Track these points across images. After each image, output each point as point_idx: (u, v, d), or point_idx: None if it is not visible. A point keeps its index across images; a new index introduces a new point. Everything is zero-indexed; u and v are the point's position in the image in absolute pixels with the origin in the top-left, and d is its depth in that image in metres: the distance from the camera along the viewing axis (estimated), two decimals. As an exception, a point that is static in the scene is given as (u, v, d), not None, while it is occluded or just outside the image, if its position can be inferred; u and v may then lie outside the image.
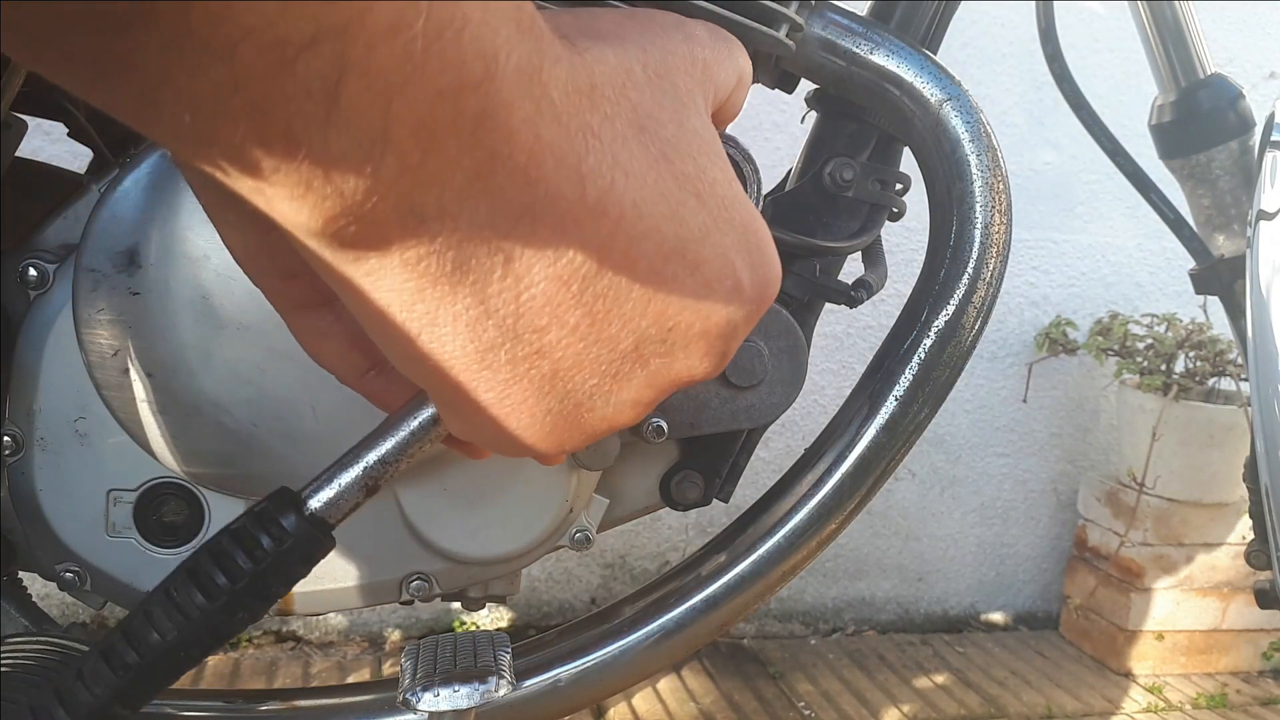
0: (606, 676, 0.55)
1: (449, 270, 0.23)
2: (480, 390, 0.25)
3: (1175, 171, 0.82)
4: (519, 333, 0.24)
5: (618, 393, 0.27)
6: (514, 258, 0.23)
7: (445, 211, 0.21)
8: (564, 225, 0.23)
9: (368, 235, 0.21)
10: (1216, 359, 1.65)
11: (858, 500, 0.55)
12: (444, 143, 0.20)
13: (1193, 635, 1.72)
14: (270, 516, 0.30)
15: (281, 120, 0.19)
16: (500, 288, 0.23)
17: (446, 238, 0.22)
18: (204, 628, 0.30)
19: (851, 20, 0.53)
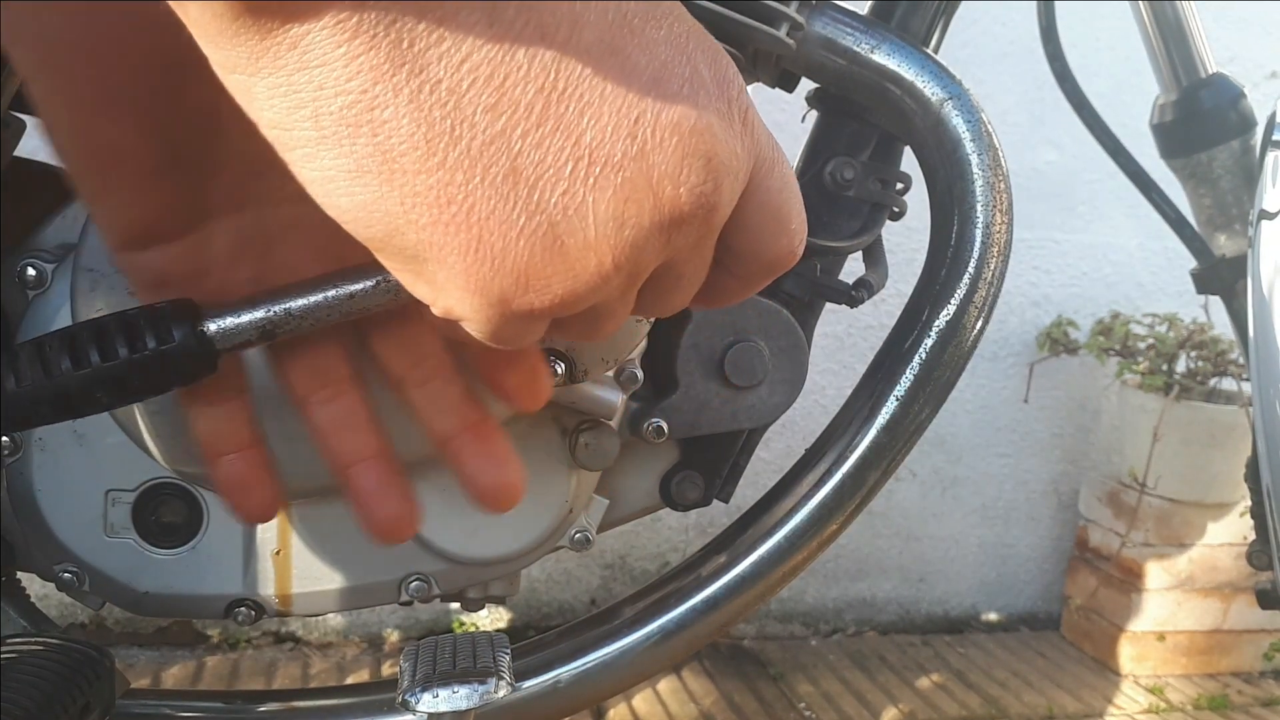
0: (606, 677, 0.55)
1: (384, 32, 0.20)
2: (439, 203, 0.22)
3: (1177, 171, 0.82)
4: (467, 112, 0.22)
5: (595, 204, 0.23)
6: (453, 15, 0.21)
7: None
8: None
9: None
10: (1218, 359, 1.64)
11: (858, 501, 0.55)
12: None
13: (1194, 636, 1.72)
14: (163, 319, 0.31)
15: None
16: (440, 52, 0.21)
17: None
18: (57, 392, 0.30)
19: (852, 19, 0.52)
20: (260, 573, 0.52)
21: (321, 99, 0.21)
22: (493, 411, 0.38)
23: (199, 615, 0.53)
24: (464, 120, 0.22)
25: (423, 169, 0.22)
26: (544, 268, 0.23)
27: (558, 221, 0.23)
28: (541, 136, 0.22)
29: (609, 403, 0.51)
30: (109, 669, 0.43)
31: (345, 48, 0.21)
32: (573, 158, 0.23)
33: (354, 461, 0.35)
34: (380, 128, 0.21)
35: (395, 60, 0.21)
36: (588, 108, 0.23)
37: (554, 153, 0.23)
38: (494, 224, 0.23)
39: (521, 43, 0.22)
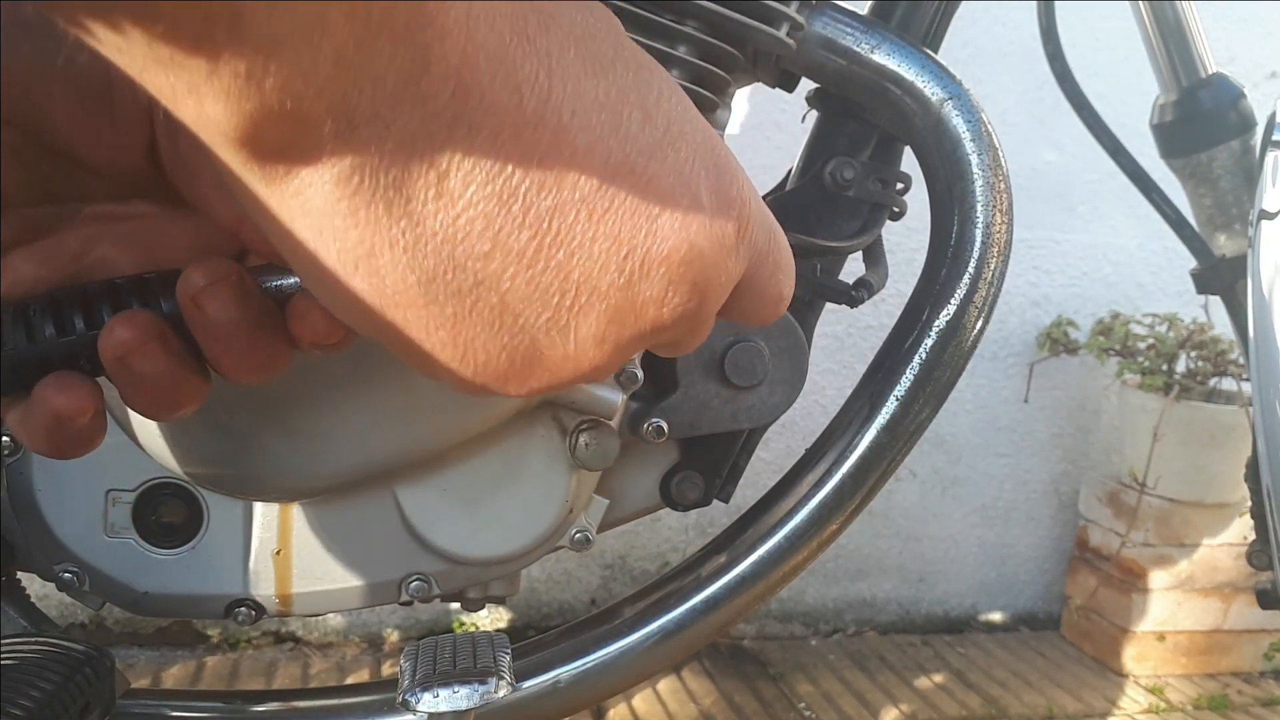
0: (606, 677, 0.55)
1: (382, 188, 0.21)
2: (428, 329, 0.24)
3: (1177, 171, 0.82)
4: (460, 260, 0.23)
5: (577, 328, 0.25)
6: (449, 172, 0.22)
7: (378, 116, 0.21)
8: (501, 136, 0.22)
9: (299, 143, 0.20)
10: (1218, 359, 1.64)
11: (858, 501, 0.55)
12: (378, 36, 0.20)
13: (1194, 636, 1.72)
14: (151, 289, 0.30)
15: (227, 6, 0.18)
16: (437, 207, 0.22)
17: (379, 148, 0.21)
18: (39, 357, 0.30)
19: (852, 19, 0.53)
20: (260, 573, 0.52)
21: (322, 241, 0.22)
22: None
23: (199, 615, 0.53)
24: (457, 266, 0.23)
25: (414, 305, 0.23)
26: (523, 372, 0.25)
27: (539, 339, 0.25)
28: (532, 275, 0.24)
29: (609, 403, 0.51)
30: (109, 669, 0.43)
31: (345, 202, 0.22)
32: (560, 291, 0.24)
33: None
34: (376, 271, 0.23)
35: (393, 214, 0.22)
36: (579, 249, 0.24)
37: (542, 288, 0.24)
38: (479, 345, 0.24)
39: (518, 196, 0.23)
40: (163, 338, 0.29)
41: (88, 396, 0.30)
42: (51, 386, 0.29)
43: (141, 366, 0.29)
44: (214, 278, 0.29)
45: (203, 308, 0.29)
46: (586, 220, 0.24)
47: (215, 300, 0.29)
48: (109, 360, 0.29)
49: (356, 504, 0.51)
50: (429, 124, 0.21)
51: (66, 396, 0.29)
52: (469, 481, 0.51)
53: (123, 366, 0.29)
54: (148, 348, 0.29)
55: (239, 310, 0.29)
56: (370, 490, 0.51)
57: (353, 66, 0.20)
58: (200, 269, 0.29)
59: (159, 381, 0.30)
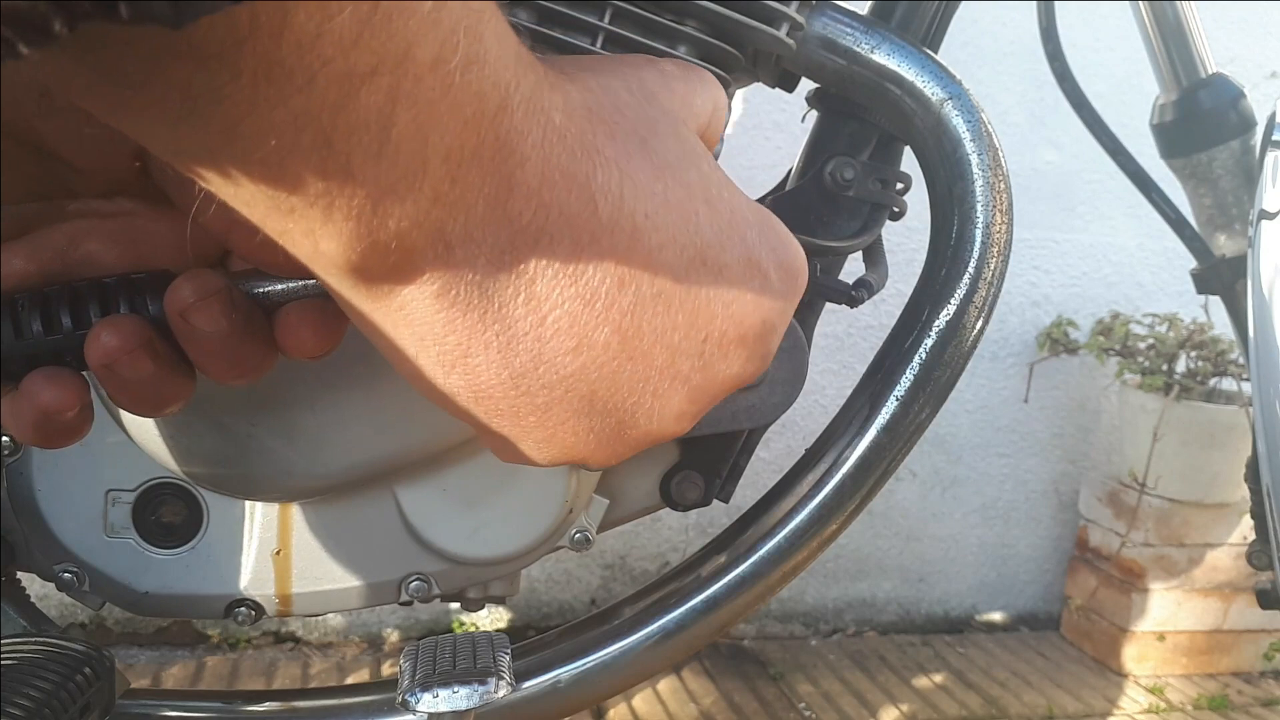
0: (606, 677, 0.55)
1: (476, 298, 0.23)
2: (520, 417, 0.26)
3: (1177, 171, 0.82)
4: (549, 356, 0.25)
5: (660, 408, 0.27)
6: (536, 279, 0.24)
7: (470, 238, 0.22)
8: (580, 243, 0.24)
9: (402, 267, 0.22)
10: (1218, 359, 1.64)
11: (859, 501, 0.55)
12: (469, 171, 0.21)
13: (1194, 636, 1.72)
14: (140, 290, 0.30)
15: (343, 153, 0.20)
16: (525, 311, 0.24)
17: (472, 265, 0.23)
18: (25, 354, 0.30)
19: (852, 19, 0.52)
20: (260, 573, 0.52)
21: (423, 345, 0.24)
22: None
23: (199, 615, 0.53)
24: (546, 362, 0.25)
25: (506, 397, 0.26)
26: (606, 448, 0.28)
27: (624, 420, 0.27)
28: (617, 366, 0.26)
29: (609, 403, 0.51)
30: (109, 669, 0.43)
31: (444, 313, 0.24)
32: (644, 379, 0.26)
33: None
34: (471, 370, 0.25)
35: (486, 320, 0.24)
36: (659, 339, 0.26)
37: (626, 378, 0.26)
38: (566, 429, 0.27)
39: (600, 295, 0.25)
40: (150, 344, 0.30)
41: (74, 391, 0.30)
42: (39, 381, 0.30)
43: (128, 372, 0.30)
44: (203, 293, 0.29)
45: (191, 322, 0.30)
46: (665, 313, 0.26)
47: (203, 315, 0.29)
48: (96, 365, 0.30)
49: (356, 504, 0.51)
50: (515, 240, 0.23)
51: (54, 391, 0.30)
52: (469, 482, 0.51)
53: (110, 372, 0.30)
54: (134, 354, 0.29)
55: (226, 323, 0.30)
56: (370, 490, 0.51)
57: (448, 200, 0.22)
58: (190, 283, 0.30)
59: (144, 384, 0.30)
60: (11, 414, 0.30)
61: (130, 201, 0.32)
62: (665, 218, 0.25)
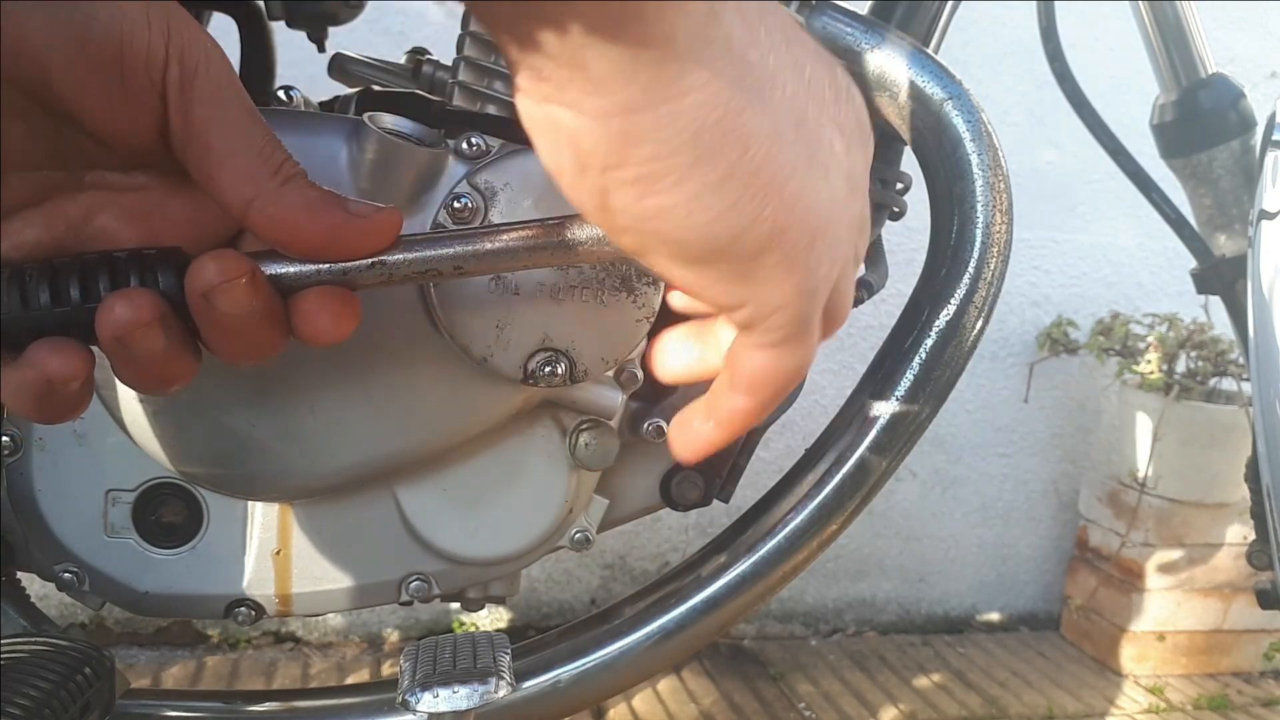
0: (606, 677, 0.55)
1: (727, 64, 0.24)
2: (785, 188, 0.26)
3: (1177, 171, 0.82)
4: (800, 113, 0.26)
5: (810, 255, 0.27)
6: (789, 42, 0.26)
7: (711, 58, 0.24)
8: (816, 63, 0.27)
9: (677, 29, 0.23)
10: (1218, 359, 1.64)
11: (858, 501, 0.55)
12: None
13: (1194, 636, 1.72)
14: (150, 264, 0.30)
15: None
16: (771, 79, 0.25)
17: (720, 20, 0.24)
18: (31, 325, 0.29)
19: (852, 18, 0.52)
20: (260, 573, 0.52)
21: (701, 117, 0.24)
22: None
23: (199, 615, 0.53)
24: (797, 121, 0.26)
25: (770, 160, 0.25)
26: (741, 260, 0.27)
27: (772, 241, 0.26)
28: (800, 189, 0.26)
29: (609, 402, 0.51)
30: (109, 669, 0.43)
31: (709, 71, 0.24)
32: (784, 224, 0.26)
33: None
34: (743, 133, 0.25)
35: (743, 83, 0.25)
36: (816, 196, 0.27)
37: (807, 211, 0.27)
38: (820, 208, 0.27)
39: (826, 114, 0.28)
40: (163, 319, 0.29)
41: (80, 362, 0.30)
42: (45, 350, 0.29)
43: (139, 347, 0.29)
44: (229, 275, 0.29)
45: (214, 303, 0.29)
46: (820, 180, 0.27)
47: (228, 297, 0.29)
48: (106, 337, 0.29)
49: (356, 504, 0.51)
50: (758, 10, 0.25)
51: (59, 360, 0.29)
52: (469, 482, 0.51)
53: (120, 345, 0.29)
54: (148, 328, 0.29)
55: (248, 308, 0.29)
56: (370, 490, 0.51)
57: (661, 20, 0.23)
58: (215, 263, 0.29)
59: (153, 360, 0.30)
60: (13, 385, 0.30)
61: (147, 176, 0.32)
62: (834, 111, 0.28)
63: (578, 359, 0.45)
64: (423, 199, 0.44)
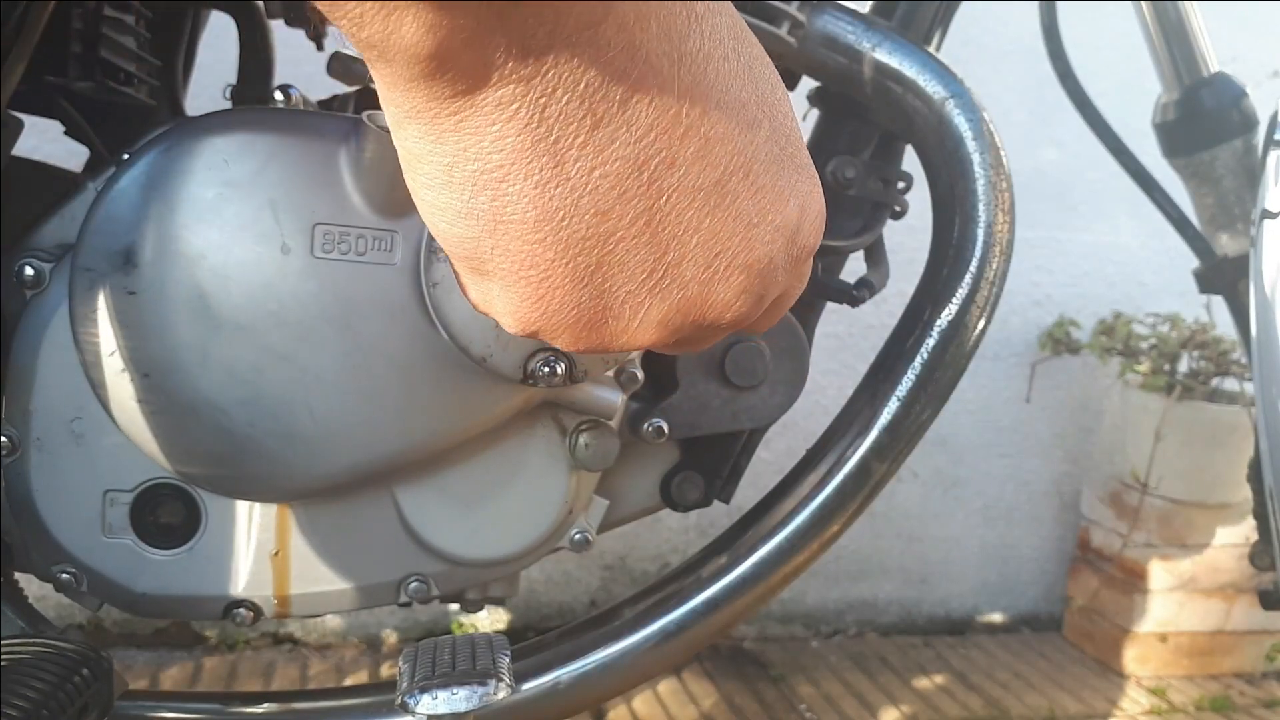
0: (606, 679, 0.55)
1: (537, 121, 0.22)
2: (521, 263, 0.25)
3: (1179, 170, 0.82)
4: (582, 210, 0.24)
5: (648, 308, 0.26)
6: (601, 123, 0.23)
7: (552, 51, 0.21)
8: (653, 102, 0.23)
9: (475, 64, 0.21)
10: (1220, 359, 1.64)
11: (860, 501, 0.55)
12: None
13: (1196, 637, 1.72)
14: None
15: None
16: (580, 154, 0.23)
17: (545, 81, 0.22)
18: None
19: (854, 18, 0.52)
20: (258, 574, 0.52)
21: (461, 160, 0.23)
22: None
23: (197, 616, 0.53)
24: (576, 215, 0.24)
25: (521, 237, 0.24)
26: (584, 331, 0.27)
27: (612, 307, 0.26)
28: (634, 246, 0.25)
29: (609, 403, 0.50)
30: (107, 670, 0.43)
31: (498, 126, 0.23)
32: (650, 270, 0.25)
33: None
34: (501, 196, 0.24)
35: (538, 148, 0.23)
36: (680, 235, 0.25)
37: (637, 262, 0.25)
38: (559, 294, 0.26)
39: (650, 166, 0.24)
40: None
41: None
42: None
43: None
44: None
45: None
46: (698, 210, 0.25)
47: None
48: None
49: (355, 505, 0.51)
50: (595, 71, 0.22)
51: None
52: (468, 482, 0.51)
53: None
54: None
55: None
56: (369, 491, 0.51)
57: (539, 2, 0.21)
58: None
59: None
60: None
61: None
62: (734, 113, 0.25)
63: (577, 359, 0.45)
64: (421, 198, 0.44)
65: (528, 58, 0.22)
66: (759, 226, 0.26)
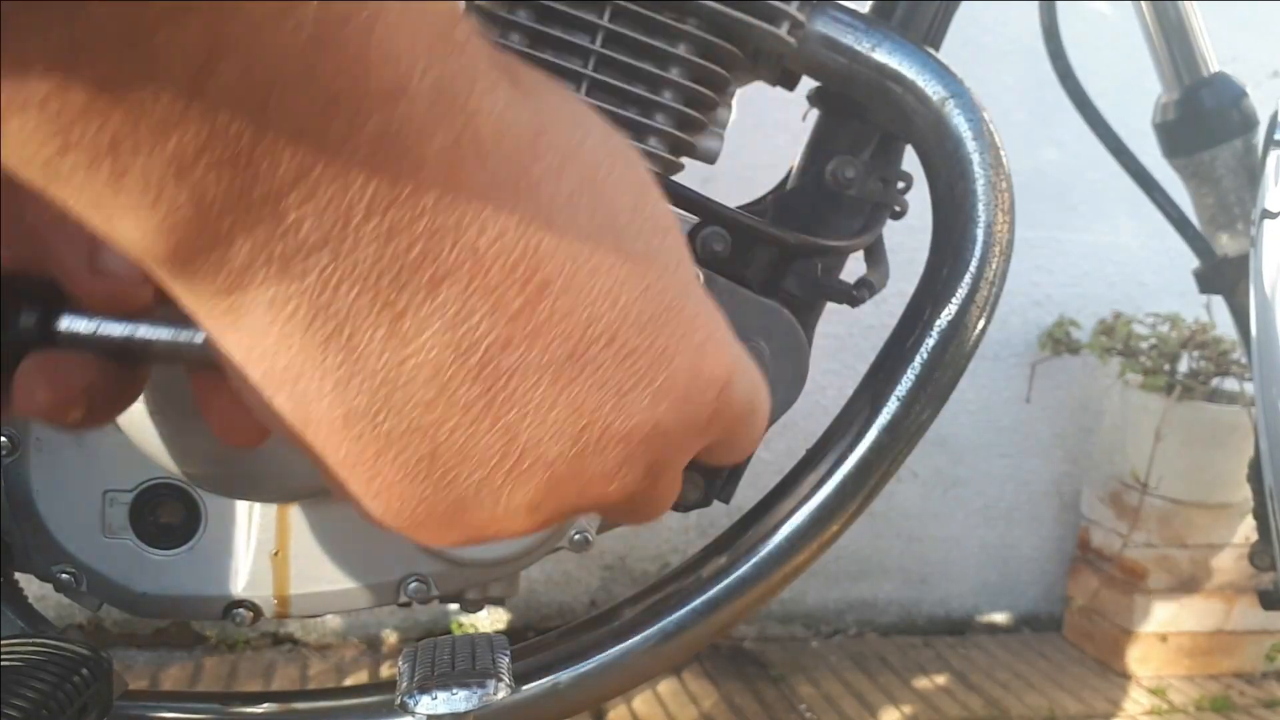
0: (606, 679, 0.55)
1: (322, 321, 0.19)
2: (345, 462, 0.21)
3: (1179, 170, 0.82)
4: (397, 404, 0.20)
5: (510, 493, 0.22)
6: (404, 315, 0.19)
7: (330, 244, 0.18)
8: (473, 286, 0.19)
9: (226, 265, 0.18)
10: (1220, 359, 1.64)
11: (860, 501, 0.55)
12: (334, 159, 0.17)
13: (1196, 637, 1.72)
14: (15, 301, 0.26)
15: (135, 102, 0.15)
16: (383, 347, 0.19)
17: (323, 277, 0.18)
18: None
19: (853, 18, 0.52)
20: (258, 574, 0.52)
21: (249, 359, 0.20)
22: None
23: (197, 616, 0.53)
24: (392, 409, 0.20)
25: (333, 437, 0.21)
26: (440, 525, 0.23)
27: (466, 497, 0.22)
28: (474, 432, 0.21)
29: (609, 403, 0.50)
30: (106, 670, 0.43)
31: (278, 326, 0.19)
32: (501, 453, 0.21)
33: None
34: (299, 397, 0.20)
35: (329, 348, 0.19)
36: (533, 413, 0.21)
37: (482, 447, 0.21)
38: (396, 490, 0.22)
39: (479, 349, 0.20)
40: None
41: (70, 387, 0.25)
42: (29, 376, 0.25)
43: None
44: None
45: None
46: (549, 386, 0.21)
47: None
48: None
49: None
50: (389, 261, 0.18)
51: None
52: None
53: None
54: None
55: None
56: (369, 491, 0.51)
57: (297, 190, 0.17)
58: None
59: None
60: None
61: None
62: (588, 281, 0.21)
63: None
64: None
65: (295, 255, 0.18)
66: (633, 392, 0.22)
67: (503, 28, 0.44)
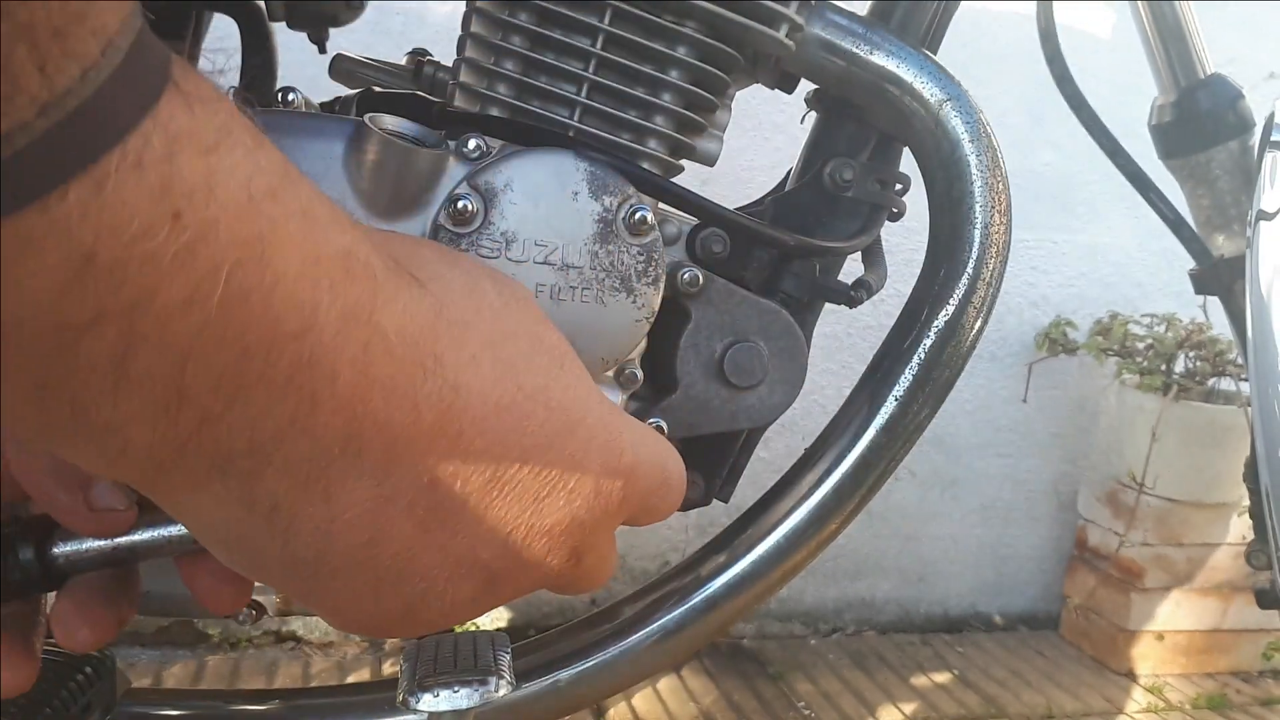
0: (606, 677, 0.55)
1: (265, 507, 0.22)
2: (297, 593, 0.25)
3: (1175, 172, 0.82)
4: (338, 549, 0.23)
5: (454, 592, 0.25)
6: (332, 486, 0.22)
7: (259, 451, 0.21)
8: (395, 449, 0.22)
9: (172, 479, 0.21)
10: (1216, 359, 1.65)
11: (858, 500, 0.55)
12: (252, 393, 0.20)
13: (1193, 635, 1.72)
14: (12, 541, 0.30)
15: (66, 394, 0.18)
16: (317, 510, 0.22)
17: (259, 476, 0.21)
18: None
19: (851, 20, 0.53)
20: (261, 572, 0.52)
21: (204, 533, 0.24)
22: None
23: (200, 614, 0.53)
24: (334, 553, 0.23)
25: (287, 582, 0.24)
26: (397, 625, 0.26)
27: (414, 603, 0.25)
28: (411, 556, 0.24)
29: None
30: (110, 668, 0.43)
31: (224, 512, 0.22)
32: (439, 565, 0.25)
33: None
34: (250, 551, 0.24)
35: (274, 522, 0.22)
36: (462, 531, 0.24)
37: (422, 565, 0.24)
38: (352, 608, 0.25)
39: (404, 493, 0.23)
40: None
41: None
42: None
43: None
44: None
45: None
46: (475, 506, 0.24)
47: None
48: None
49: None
50: (316, 451, 0.21)
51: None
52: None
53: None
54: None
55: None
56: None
57: (225, 421, 0.20)
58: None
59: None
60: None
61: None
62: (496, 423, 0.24)
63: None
64: (423, 200, 0.44)
65: (232, 461, 0.21)
66: (550, 497, 0.26)
67: (503, 30, 0.44)
